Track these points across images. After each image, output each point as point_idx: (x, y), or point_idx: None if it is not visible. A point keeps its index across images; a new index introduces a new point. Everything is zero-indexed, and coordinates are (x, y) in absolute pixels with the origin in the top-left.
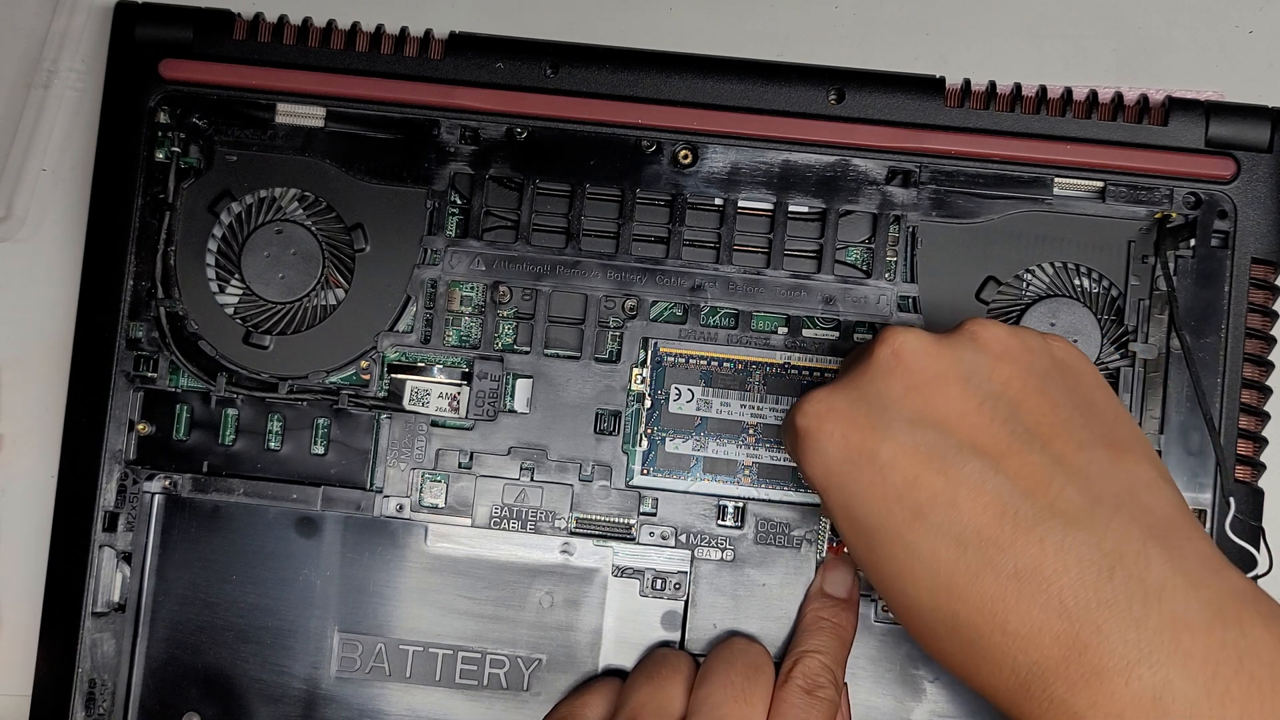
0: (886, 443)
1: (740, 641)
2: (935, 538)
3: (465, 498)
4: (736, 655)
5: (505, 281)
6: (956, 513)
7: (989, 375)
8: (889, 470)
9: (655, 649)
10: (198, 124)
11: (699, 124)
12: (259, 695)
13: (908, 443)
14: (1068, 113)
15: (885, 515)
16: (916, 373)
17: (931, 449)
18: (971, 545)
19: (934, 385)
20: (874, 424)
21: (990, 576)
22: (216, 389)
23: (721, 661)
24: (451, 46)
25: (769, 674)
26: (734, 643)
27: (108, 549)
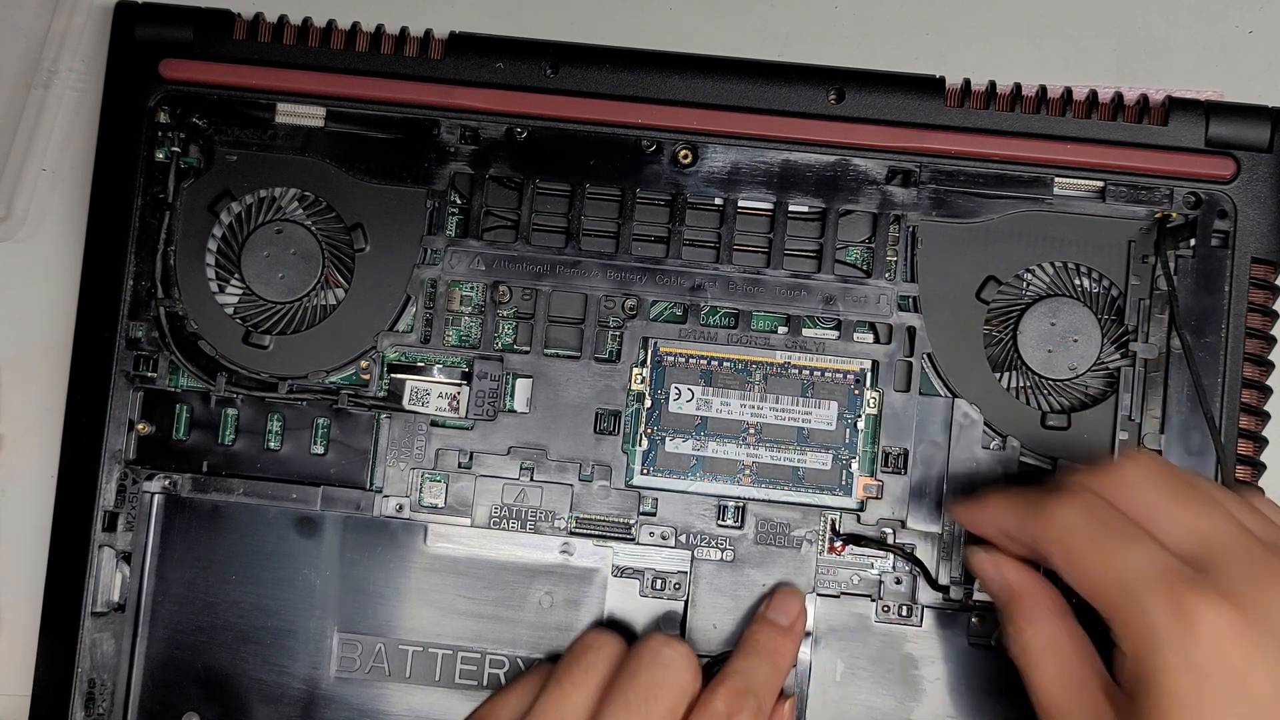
0: (1259, 673)
1: (654, 643)
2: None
3: (465, 498)
4: (642, 666)
5: (505, 281)
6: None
7: None
8: (1255, 699)
9: (586, 633)
10: (198, 124)
11: (699, 124)
12: (259, 695)
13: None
14: (1068, 113)
15: (1212, 713)
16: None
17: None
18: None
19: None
20: (1269, 678)
21: None
22: (216, 389)
23: (626, 674)
24: (451, 46)
25: (674, 689)
26: (646, 645)
27: (107, 549)
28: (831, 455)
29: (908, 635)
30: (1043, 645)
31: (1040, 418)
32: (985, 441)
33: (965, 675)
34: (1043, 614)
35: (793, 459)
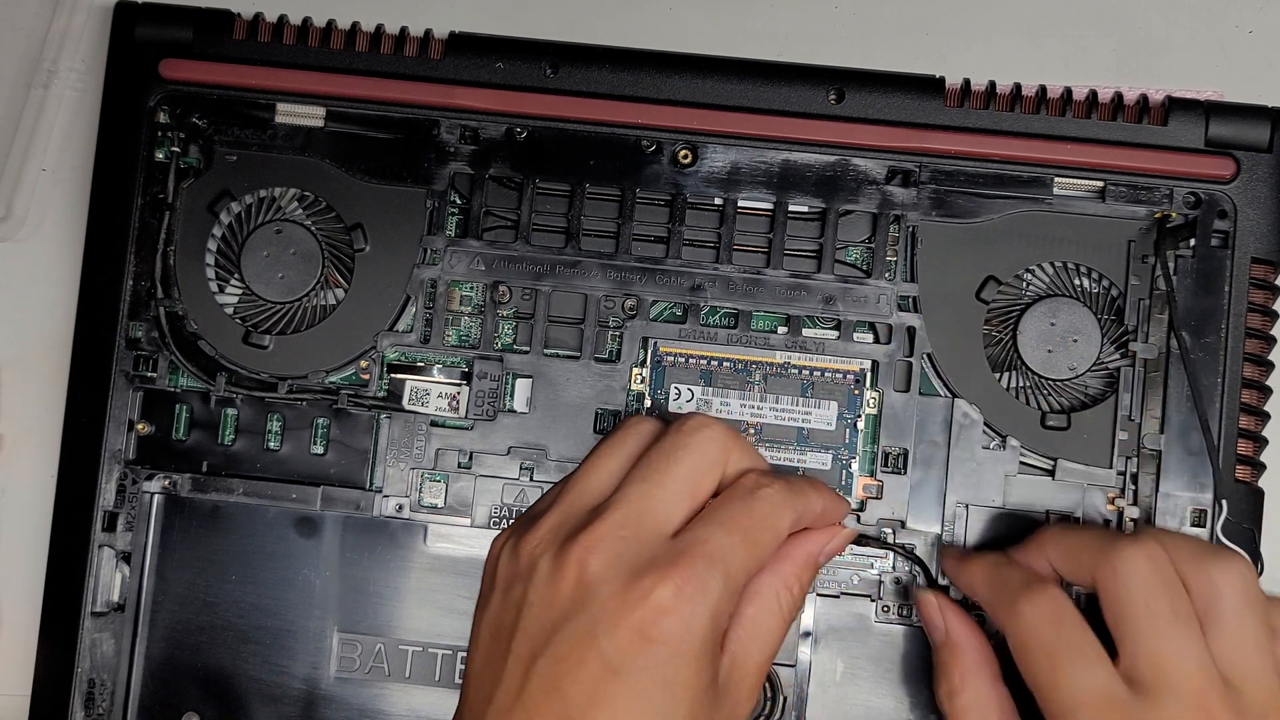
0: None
1: (686, 416)
2: None
3: (465, 497)
4: (669, 434)
5: (505, 281)
6: None
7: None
8: None
9: (625, 419)
10: (197, 124)
11: (699, 124)
12: (259, 695)
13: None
14: (1068, 113)
15: None
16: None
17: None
18: None
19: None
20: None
21: None
22: (216, 389)
23: (655, 442)
24: (451, 46)
25: (696, 454)
26: (679, 418)
27: (107, 549)
28: (831, 455)
29: (908, 635)
30: (967, 702)
31: (1040, 418)
32: (985, 441)
33: None
34: (975, 672)
35: (793, 459)
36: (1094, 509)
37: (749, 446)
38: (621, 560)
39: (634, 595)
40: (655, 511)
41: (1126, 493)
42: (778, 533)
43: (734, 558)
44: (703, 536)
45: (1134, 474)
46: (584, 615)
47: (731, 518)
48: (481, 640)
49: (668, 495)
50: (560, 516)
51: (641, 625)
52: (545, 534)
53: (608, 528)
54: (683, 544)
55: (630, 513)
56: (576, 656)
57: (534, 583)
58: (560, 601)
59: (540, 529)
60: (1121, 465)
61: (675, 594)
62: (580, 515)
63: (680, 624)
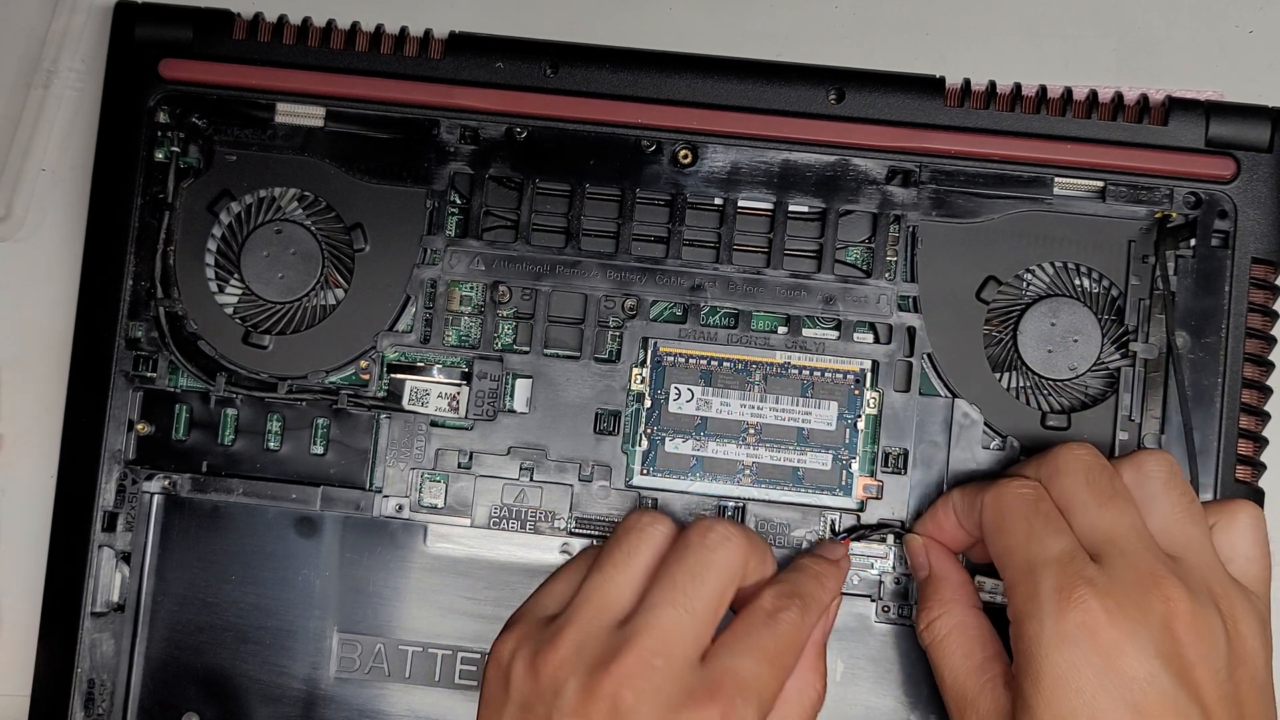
0: (1148, 687)
1: (704, 524)
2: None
3: (465, 498)
4: (690, 548)
5: (505, 281)
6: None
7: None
8: (1139, 711)
9: (630, 515)
10: (197, 124)
11: (699, 124)
12: (258, 695)
13: (1165, 699)
14: (1068, 113)
15: (1087, 692)
16: (1186, 643)
17: (1165, 692)
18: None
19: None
20: (1142, 664)
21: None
22: (216, 389)
23: (674, 555)
24: (451, 46)
25: (722, 571)
26: (696, 526)
27: (107, 549)
28: (831, 455)
29: (908, 635)
30: (949, 628)
31: (1040, 418)
32: (985, 441)
33: None
34: (953, 599)
35: (793, 459)
36: None
37: (764, 549)
38: (658, 693)
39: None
40: (686, 639)
41: None
42: (799, 652)
43: (764, 686)
44: (734, 668)
45: None
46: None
47: (759, 645)
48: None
49: (697, 621)
50: (582, 633)
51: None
52: (568, 654)
53: (640, 658)
54: (715, 674)
55: (661, 641)
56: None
57: (559, 708)
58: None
59: (561, 646)
60: None
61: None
62: (604, 634)
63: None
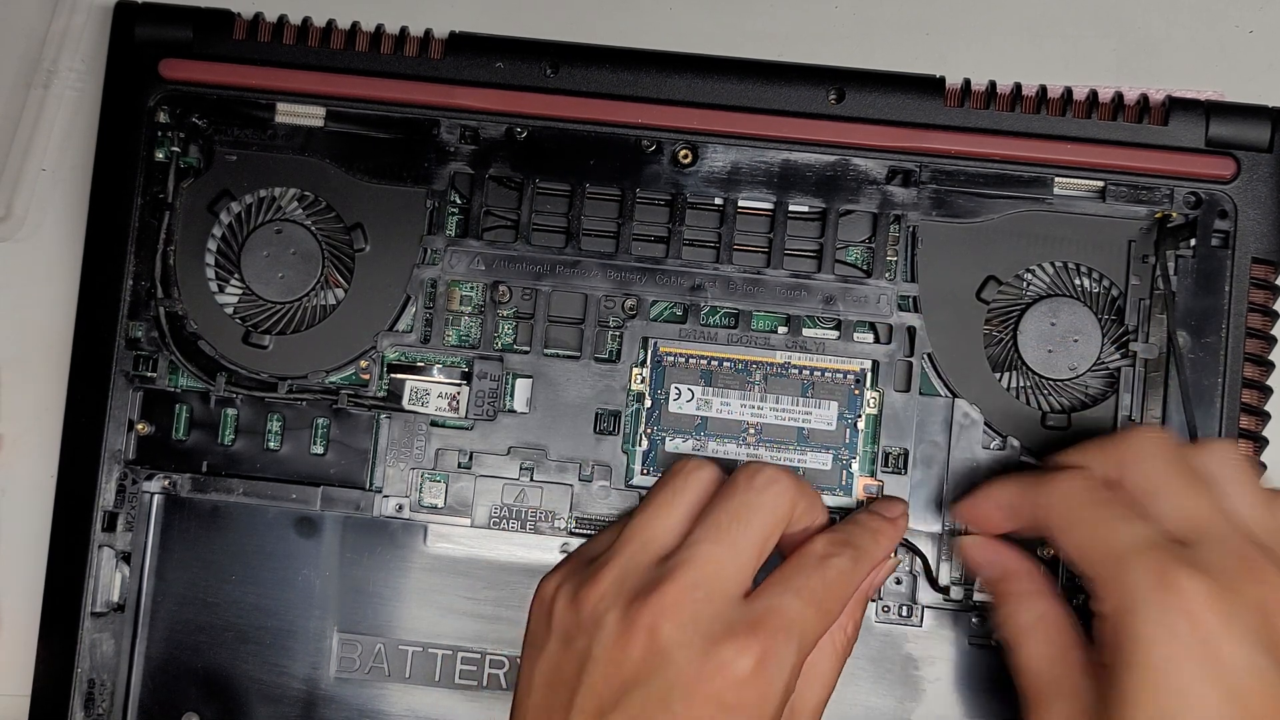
0: (1250, 676)
1: (752, 468)
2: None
3: (465, 498)
4: (736, 490)
5: (505, 281)
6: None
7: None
8: (1242, 701)
9: (676, 460)
10: (197, 124)
11: (699, 124)
12: (258, 695)
13: (1268, 688)
14: (1068, 112)
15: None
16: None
17: (1266, 678)
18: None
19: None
20: (1243, 652)
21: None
22: (216, 389)
23: (720, 497)
24: (451, 46)
25: (767, 513)
26: (744, 469)
27: (107, 549)
28: (831, 455)
29: (908, 635)
30: (1030, 620)
31: (1040, 418)
32: (985, 441)
33: (965, 675)
34: (1031, 591)
35: (793, 459)
36: None
37: (813, 495)
38: (697, 625)
39: (712, 665)
40: (728, 574)
41: None
42: (846, 601)
43: (808, 628)
44: (778, 606)
45: None
46: (658, 680)
47: (806, 587)
48: (536, 686)
49: (740, 557)
50: (624, 568)
51: (720, 695)
52: (610, 586)
53: (680, 589)
54: (758, 611)
55: (703, 574)
56: None
57: (599, 639)
58: (630, 663)
59: (603, 580)
60: None
61: (756, 666)
62: (645, 569)
63: (758, 695)
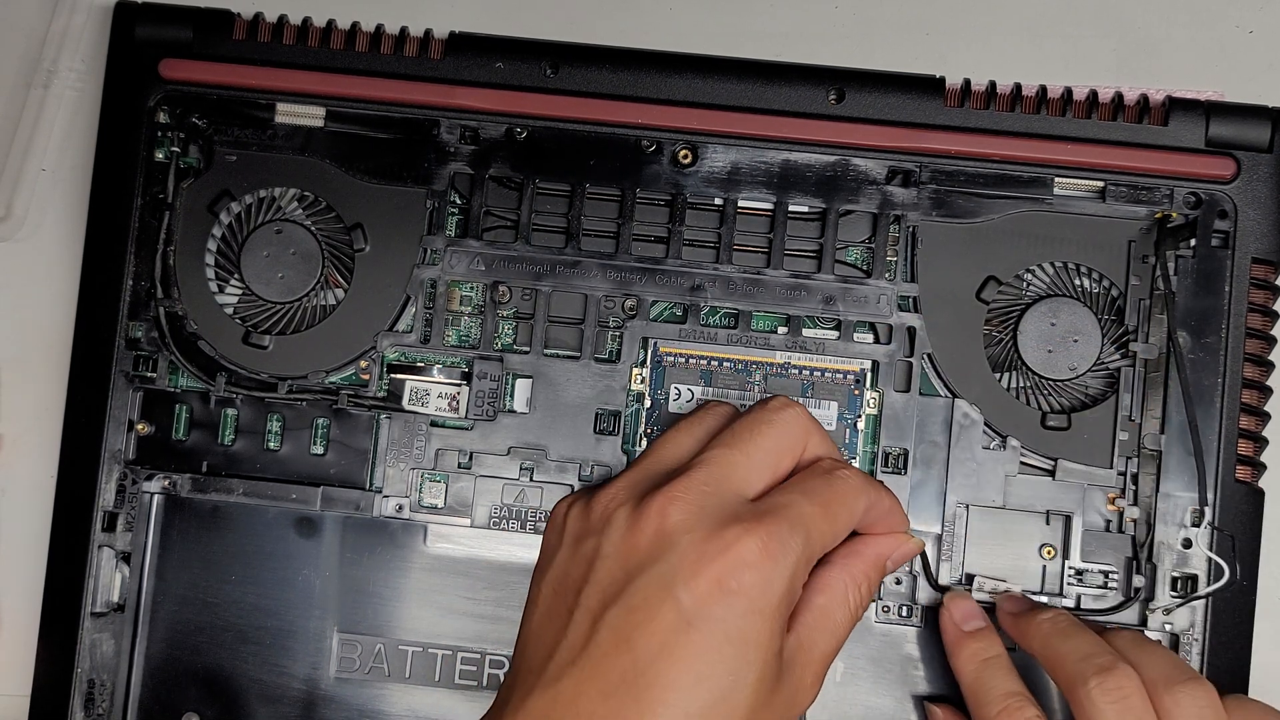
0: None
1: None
2: None
3: (465, 498)
4: (752, 411)
5: (505, 281)
6: None
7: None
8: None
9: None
10: (197, 124)
11: (699, 124)
12: (258, 695)
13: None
14: (1068, 113)
15: None
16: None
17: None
18: None
19: None
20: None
21: None
22: (216, 389)
23: (737, 419)
24: (451, 46)
25: (778, 432)
26: (762, 400)
27: (107, 549)
28: None
29: (908, 635)
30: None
31: (1040, 418)
32: (985, 441)
33: None
34: None
35: None
36: (1094, 509)
37: (826, 434)
38: (705, 512)
39: (716, 545)
40: (738, 474)
41: (1127, 493)
42: (853, 513)
43: (814, 526)
44: (785, 501)
45: (1134, 474)
46: (662, 563)
47: (814, 489)
48: (543, 596)
49: (751, 462)
50: (637, 476)
51: (721, 576)
52: (621, 489)
53: (690, 481)
54: (766, 505)
55: (714, 472)
56: (651, 606)
57: (609, 535)
58: (638, 551)
59: (616, 486)
60: (1122, 465)
61: (760, 548)
62: (658, 476)
63: (761, 579)
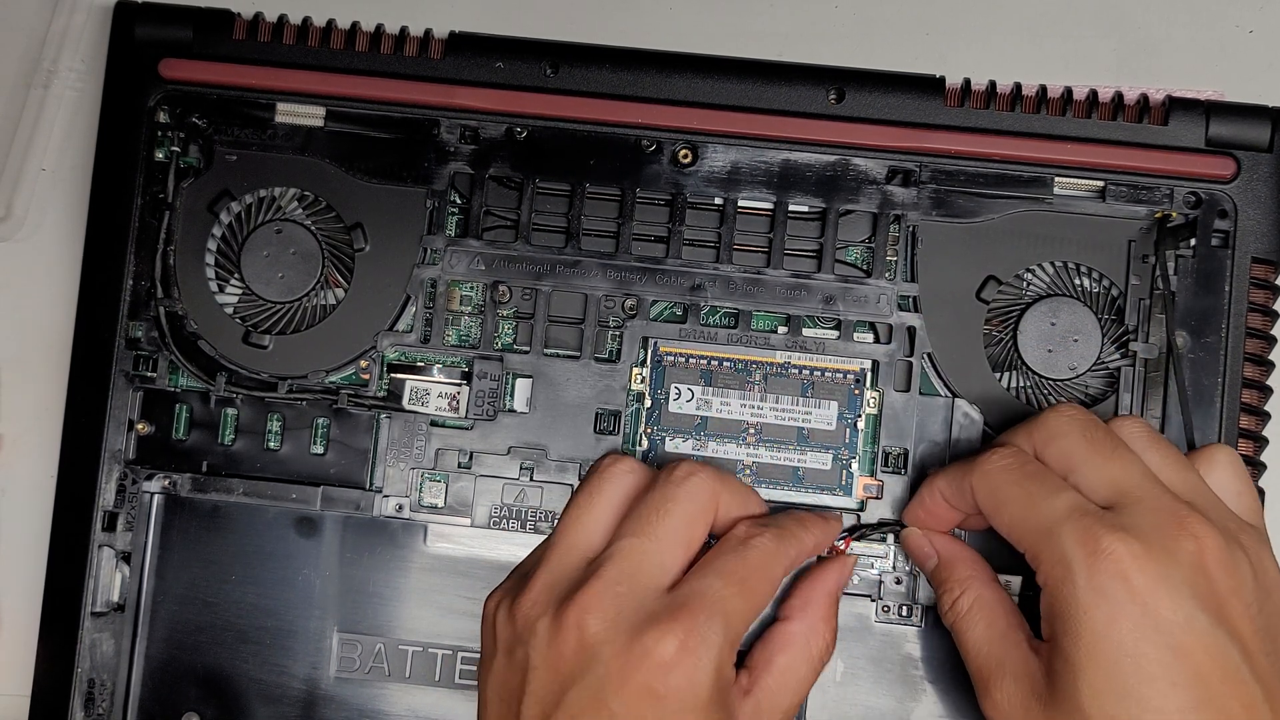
0: (1188, 630)
1: (672, 465)
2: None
3: (465, 498)
4: (657, 485)
5: (505, 281)
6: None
7: (1265, 604)
8: (1183, 656)
9: (601, 459)
10: (197, 124)
11: (699, 124)
12: (258, 695)
13: (1207, 639)
14: (1068, 112)
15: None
16: (1219, 580)
17: (1224, 655)
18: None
19: (1230, 599)
20: (1178, 606)
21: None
22: (216, 389)
23: (642, 494)
24: (451, 46)
25: (686, 504)
26: (666, 467)
27: (107, 549)
28: (831, 455)
29: (908, 635)
30: (970, 604)
31: None
32: (985, 441)
33: (965, 675)
34: (970, 577)
35: (793, 459)
36: None
37: (739, 487)
38: (621, 617)
39: (637, 653)
40: (650, 565)
41: None
42: (773, 581)
43: (733, 607)
44: (700, 589)
45: None
46: (590, 677)
47: (727, 568)
48: (490, 702)
49: (661, 548)
50: (552, 574)
51: (648, 682)
52: (539, 594)
53: (603, 585)
54: (680, 597)
55: (625, 568)
56: (588, 718)
57: (534, 646)
58: (564, 664)
59: (534, 589)
60: None
61: (679, 648)
62: (573, 571)
63: (686, 677)
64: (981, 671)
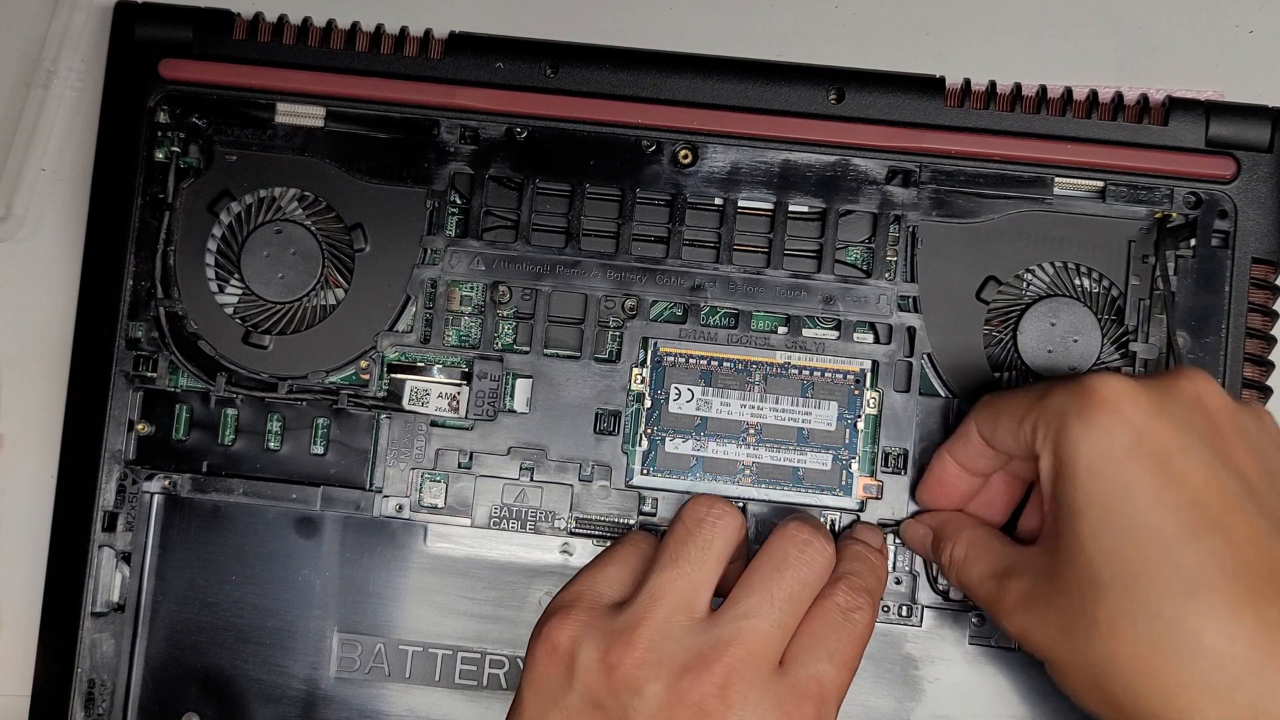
0: (1185, 456)
1: (788, 530)
2: (1206, 559)
3: (465, 498)
4: (774, 553)
5: (505, 281)
6: (1235, 549)
7: (1270, 455)
8: (1180, 481)
9: (695, 504)
10: (197, 124)
11: (699, 124)
12: (258, 695)
13: (1206, 468)
14: (1068, 113)
15: (1156, 517)
16: (1221, 421)
17: (1225, 485)
18: (1244, 582)
19: (1233, 438)
20: (1175, 435)
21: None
22: (216, 389)
23: (765, 561)
24: (451, 46)
25: (808, 582)
26: (784, 530)
27: (107, 549)
28: (831, 455)
29: (908, 635)
30: (965, 549)
31: None
32: None
33: (965, 675)
34: (958, 529)
35: (793, 459)
36: None
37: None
38: (746, 703)
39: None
40: (772, 648)
41: None
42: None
43: (844, 689)
44: (817, 675)
45: None
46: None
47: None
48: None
49: (784, 631)
50: (658, 633)
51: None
52: (645, 654)
53: (730, 667)
54: (801, 683)
55: (751, 650)
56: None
57: (638, 709)
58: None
59: (637, 645)
60: None
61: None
62: (682, 635)
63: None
64: (990, 593)
